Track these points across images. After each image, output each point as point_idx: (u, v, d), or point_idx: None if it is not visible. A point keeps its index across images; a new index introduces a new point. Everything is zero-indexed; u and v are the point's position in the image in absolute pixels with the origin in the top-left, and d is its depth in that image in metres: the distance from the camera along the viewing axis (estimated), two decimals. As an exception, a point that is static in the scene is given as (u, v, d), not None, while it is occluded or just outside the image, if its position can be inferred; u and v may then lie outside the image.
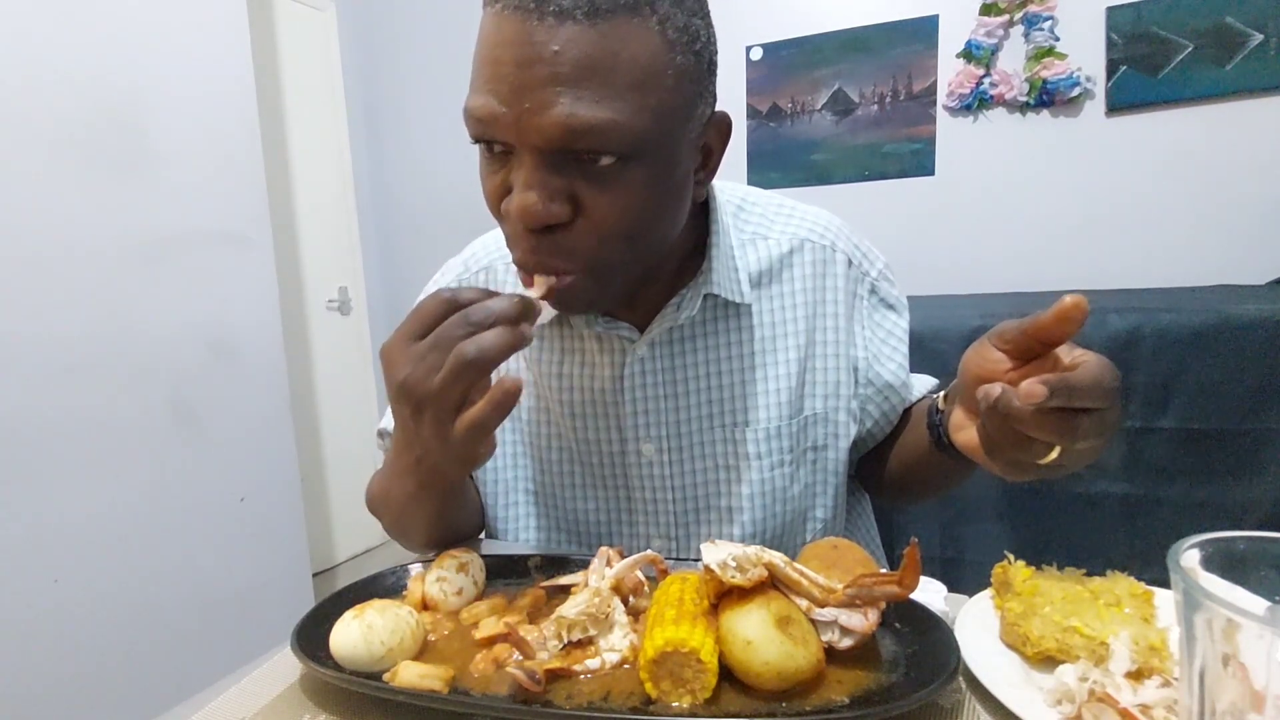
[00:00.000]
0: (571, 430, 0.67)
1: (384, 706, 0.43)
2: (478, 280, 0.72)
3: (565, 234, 0.49)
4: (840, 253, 0.66)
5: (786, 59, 2.27)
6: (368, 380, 2.95)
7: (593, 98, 0.44)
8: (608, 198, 0.48)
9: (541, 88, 0.44)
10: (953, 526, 1.49)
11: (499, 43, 0.45)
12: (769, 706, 0.39)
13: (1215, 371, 1.30)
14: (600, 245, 0.50)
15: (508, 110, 0.45)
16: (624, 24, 0.44)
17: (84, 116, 1.46)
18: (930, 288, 2.07)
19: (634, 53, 0.45)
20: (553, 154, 0.47)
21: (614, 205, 0.48)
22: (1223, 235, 1.86)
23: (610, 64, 0.44)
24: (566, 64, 0.44)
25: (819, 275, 0.66)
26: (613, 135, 0.45)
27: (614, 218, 0.49)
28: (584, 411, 0.66)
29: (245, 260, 1.80)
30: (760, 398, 0.64)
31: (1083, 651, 0.41)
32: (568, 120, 0.44)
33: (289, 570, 1.93)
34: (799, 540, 0.68)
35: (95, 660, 1.46)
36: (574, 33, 0.44)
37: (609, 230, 0.49)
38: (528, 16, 0.44)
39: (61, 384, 1.41)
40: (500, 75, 0.45)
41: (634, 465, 0.66)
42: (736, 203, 0.67)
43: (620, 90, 0.45)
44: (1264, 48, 1.76)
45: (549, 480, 0.69)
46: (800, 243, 0.66)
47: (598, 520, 0.69)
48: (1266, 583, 0.29)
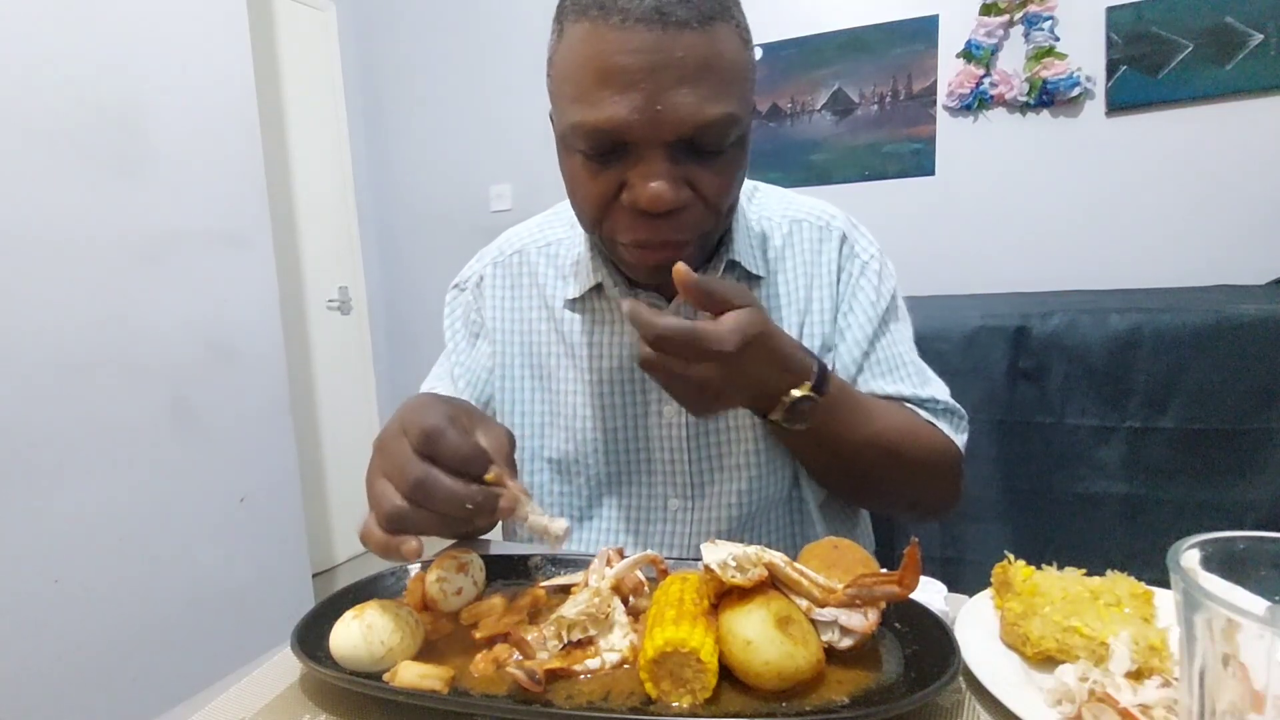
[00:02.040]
0: (599, 395, 0.71)
1: (384, 706, 0.43)
2: (511, 263, 0.76)
3: (683, 212, 0.55)
4: (836, 230, 0.72)
5: (786, 59, 2.27)
6: (368, 380, 2.95)
7: (713, 95, 0.51)
8: (717, 178, 0.56)
9: (673, 89, 0.50)
10: (953, 526, 1.49)
11: (622, 51, 0.50)
12: (769, 706, 0.39)
13: (1215, 371, 1.30)
14: (709, 218, 0.58)
15: (639, 115, 0.51)
16: (721, 28, 0.52)
17: (84, 116, 1.46)
18: (930, 288, 2.07)
19: (731, 53, 0.52)
20: (674, 146, 0.53)
21: (721, 183, 0.56)
22: (1223, 235, 1.86)
23: (719, 64, 0.51)
24: (690, 67, 0.50)
25: (815, 250, 0.72)
26: (730, 126, 0.53)
27: (722, 193, 0.57)
28: (611, 377, 0.70)
29: (245, 260, 1.80)
30: None
31: (1083, 651, 0.41)
32: (697, 117, 0.51)
33: (289, 570, 1.93)
34: (800, 493, 0.71)
35: (95, 660, 1.46)
36: (692, 39, 0.50)
37: (717, 205, 0.57)
38: (650, 27, 0.49)
39: (61, 384, 1.41)
40: (631, 82, 0.50)
41: (655, 427, 0.70)
42: (749, 191, 0.74)
43: (729, 85, 0.52)
44: (1264, 48, 1.76)
45: (573, 447, 0.72)
46: (798, 222, 0.73)
47: (618, 484, 0.72)
48: (1266, 583, 0.29)
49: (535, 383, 0.74)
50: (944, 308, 1.57)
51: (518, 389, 0.74)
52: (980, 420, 1.44)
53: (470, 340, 0.77)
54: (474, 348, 0.77)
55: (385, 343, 3.04)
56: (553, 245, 0.75)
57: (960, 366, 1.44)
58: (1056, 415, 1.40)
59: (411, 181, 2.93)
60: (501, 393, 0.74)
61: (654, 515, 0.71)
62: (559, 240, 0.75)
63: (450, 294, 0.80)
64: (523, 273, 0.76)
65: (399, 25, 2.85)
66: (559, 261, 0.74)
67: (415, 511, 0.46)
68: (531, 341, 0.74)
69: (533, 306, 0.74)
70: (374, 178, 2.98)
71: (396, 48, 2.87)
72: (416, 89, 2.86)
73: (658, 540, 0.71)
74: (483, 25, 2.69)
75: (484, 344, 0.76)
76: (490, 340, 0.75)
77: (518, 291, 0.75)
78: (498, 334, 0.75)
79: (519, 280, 0.76)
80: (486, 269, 0.77)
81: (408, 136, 2.91)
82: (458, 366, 0.77)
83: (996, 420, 1.44)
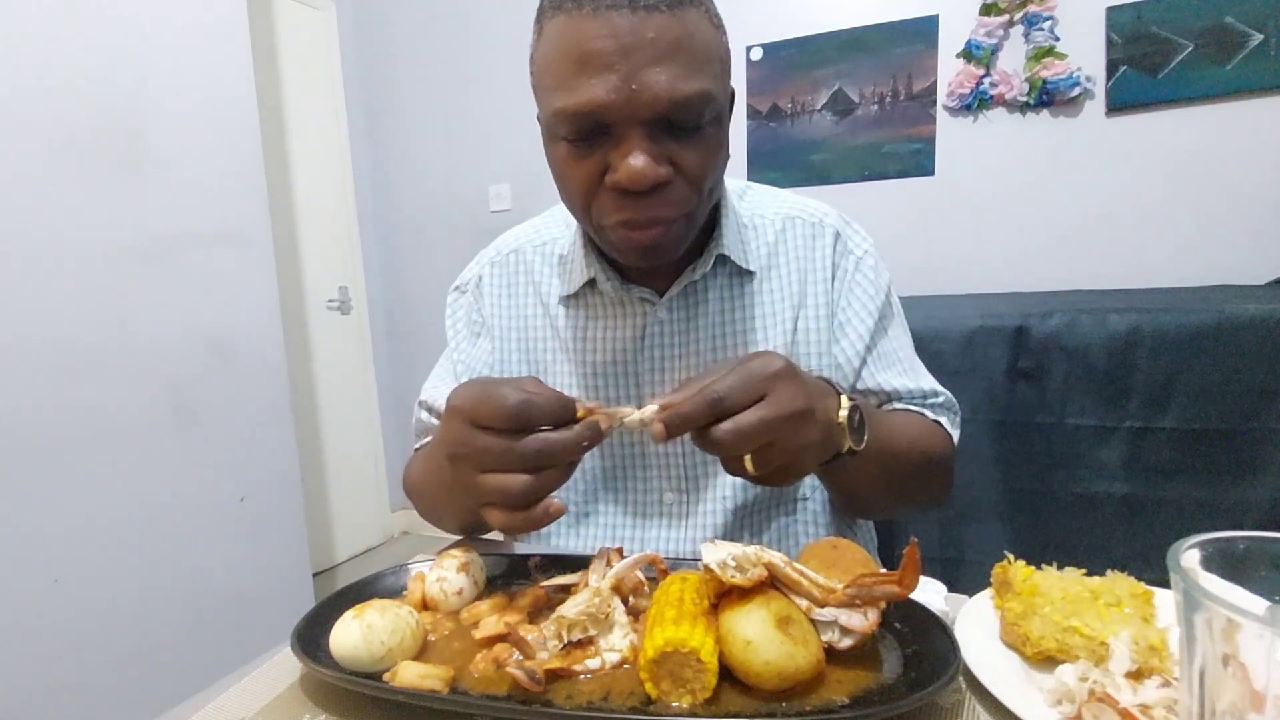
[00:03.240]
0: (593, 389, 0.72)
1: (384, 706, 0.43)
2: (508, 262, 0.78)
3: (666, 189, 0.57)
4: (829, 227, 0.73)
5: (786, 59, 2.27)
6: (368, 380, 2.95)
7: (686, 73, 0.53)
8: (697, 154, 0.57)
9: (646, 68, 0.52)
10: (953, 526, 1.49)
11: (596, 37, 0.52)
12: (769, 706, 0.39)
13: (1215, 371, 1.30)
14: (693, 194, 0.59)
15: (616, 94, 0.52)
16: (690, 11, 0.54)
17: (84, 117, 1.46)
18: (930, 288, 2.07)
19: (702, 34, 0.55)
20: (652, 125, 0.54)
21: (700, 159, 0.57)
22: (1223, 235, 1.86)
23: (691, 44, 0.53)
24: (662, 47, 0.52)
25: (809, 247, 0.72)
26: (705, 103, 0.55)
27: (702, 170, 0.58)
28: (606, 370, 0.72)
29: (245, 260, 1.80)
30: None
31: (1083, 651, 0.41)
32: (672, 94, 0.52)
33: (289, 570, 1.93)
34: (800, 492, 0.71)
35: (95, 660, 1.46)
36: (662, 20, 0.52)
37: (698, 181, 0.58)
38: (621, 12, 0.51)
39: (62, 384, 1.41)
40: (606, 64, 0.52)
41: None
42: (739, 191, 0.76)
43: (702, 64, 0.54)
44: (1264, 48, 1.76)
45: None
46: (791, 219, 0.74)
47: (614, 478, 0.73)
48: (1266, 583, 0.29)
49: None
50: (943, 308, 1.57)
51: None
52: (980, 420, 1.44)
53: (471, 338, 0.79)
54: (475, 345, 0.79)
55: (385, 343, 3.04)
56: (548, 244, 0.77)
57: (960, 366, 1.44)
58: (1056, 415, 1.40)
59: (411, 181, 2.93)
60: None
61: (650, 510, 0.72)
62: (554, 240, 0.77)
63: (451, 296, 0.82)
64: (519, 271, 0.78)
65: (399, 25, 2.85)
66: (554, 259, 0.76)
67: (542, 478, 0.47)
68: (528, 337, 0.76)
69: (529, 303, 0.76)
70: (374, 178, 2.98)
71: (396, 48, 2.87)
72: (416, 89, 2.86)
73: (655, 536, 0.72)
74: (483, 25, 2.69)
75: (485, 340, 0.78)
76: (490, 337, 0.77)
77: (514, 289, 0.77)
78: (496, 330, 0.77)
79: (515, 279, 0.78)
80: (485, 269, 0.80)
81: (408, 136, 2.91)
82: (460, 364, 0.79)
83: (996, 420, 1.44)
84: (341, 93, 2.82)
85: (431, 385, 0.80)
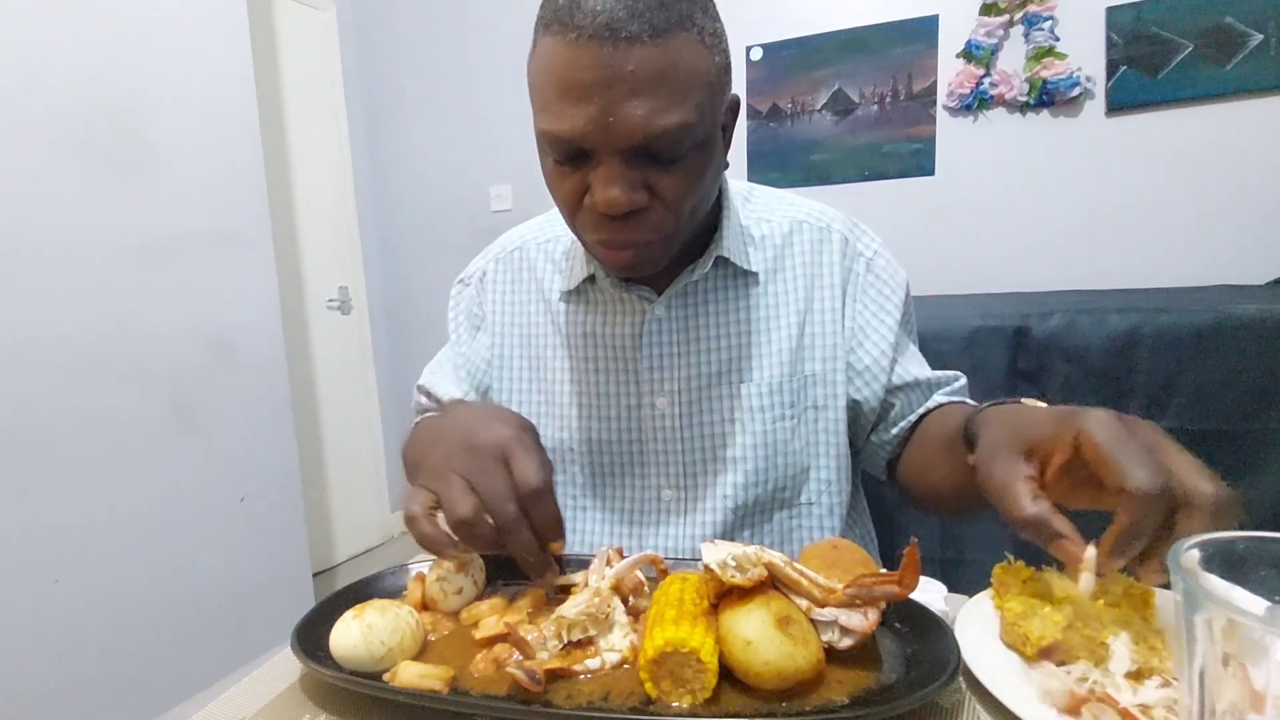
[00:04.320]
0: (593, 385, 0.73)
1: (384, 706, 0.43)
2: (512, 258, 0.79)
3: (643, 214, 0.57)
4: (836, 233, 0.73)
5: (786, 59, 2.27)
6: (368, 380, 2.95)
7: (664, 106, 0.52)
8: (676, 181, 0.57)
9: (624, 102, 0.51)
10: (953, 526, 1.48)
11: (577, 67, 0.51)
12: (769, 706, 0.39)
13: (1215, 371, 1.30)
14: (671, 219, 0.58)
15: (593, 126, 0.52)
16: (677, 39, 0.52)
17: (84, 117, 1.46)
18: (930, 288, 2.06)
19: (688, 62, 0.53)
20: (629, 153, 0.54)
21: (681, 186, 0.57)
22: (1223, 235, 1.86)
23: (673, 75, 0.52)
24: (641, 80, 0.51)
25: (816, 252, 0.72)
26: (684, 135, 0.54)
27: (682, 196, 0.58)
28: (604, 366, 0.72)
29: (245, 260, 1.80)
30: (763, 358, 0.70)
31: (1083, 651, 0.41)
32: (648, 128, 0.52)
33: (289, 570, 1.93)
34: (804, 497, 0.71)
35: (95, 660, 1.46)
36: (643, 53, 0.51)
37: (678, 207, 0.58)
38: (603, 43, 0.50)
39: (61, 384, 1.41)
40: (585, 95, 0.52)
41: (648, 418, 0.71)
42: (744, 193, 0.76)
43: (683, 95, 0.53)
44: (1264, 48, 1.76)
45: (569, 436, 0.74)
46: (799, 224, 0.73)
47: (612, 473, 0.73)
48: (1266, 583, 0.29)
49: (531, 373, 0.76)
50: (943, 308, 1.56)
51: (515, 379, 0.77)
52: (980, 420, 1.43)
53: (471, 333, 0.80)
54: (474, 340, 0.80)
55: (385, 343, 3.04)
56: (551, 242, 0.78)
57: (960, 367, 1.41)
58: (1056, 415, 1.40)
59: (411, 181, 2.93)
60: (499, 383, 0.78)
61: (648, 507, 0.72)
62: (557, 237, 0.77)
63: (455, 289, 0.83)
64: (522, 267, 0.78)
65: (399, 25, 2.85)
66: (556, 256, 0.77)
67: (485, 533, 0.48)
68: (529, 334, 0.77)
69: (531, 300, 0.77)
70: (374, 177, 2.98)
71: (396, 48, 2.87)
72: (416, 89, 2.86)
73: (653, 533, 0.72)
74: (483, 25, 2.69)
75: (483, 336, 0.79)
76: (489, 333, 0.78)
77: (517, 285, 0.78)
78: (497, 326, 0.78)
79: (519, 275, 0.78)
80: (489, 264, 0.81)
81: (408, 136, 2.91)
82: (459, 358, 0.80)
83: (996, 420, 1.44)
84: (341, 93, 2.82)
85: (431, 371, 0.82)
